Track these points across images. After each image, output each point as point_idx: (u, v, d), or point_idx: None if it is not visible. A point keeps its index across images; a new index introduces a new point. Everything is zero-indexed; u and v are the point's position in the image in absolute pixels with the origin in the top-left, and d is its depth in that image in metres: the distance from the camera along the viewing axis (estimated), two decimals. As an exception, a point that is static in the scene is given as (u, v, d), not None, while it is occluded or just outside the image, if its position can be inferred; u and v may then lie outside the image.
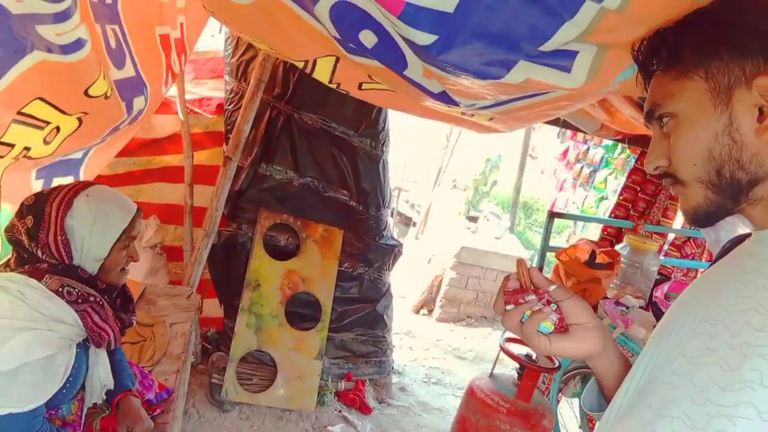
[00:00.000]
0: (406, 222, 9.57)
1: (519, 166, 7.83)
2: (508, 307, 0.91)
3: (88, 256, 1.48)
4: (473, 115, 1.71)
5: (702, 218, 0.85)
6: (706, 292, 0.83)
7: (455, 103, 1.31)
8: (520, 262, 0.94)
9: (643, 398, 0.82)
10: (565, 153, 7.59)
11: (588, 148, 6.84)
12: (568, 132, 6.99)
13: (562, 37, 0.93)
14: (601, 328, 0.94)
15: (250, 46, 3.50)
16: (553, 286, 0.92)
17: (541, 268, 3.21)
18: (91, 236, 1.47)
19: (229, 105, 3.62)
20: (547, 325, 0.90)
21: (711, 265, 0.91)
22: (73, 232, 1.45)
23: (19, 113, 1.36)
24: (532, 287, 0.92)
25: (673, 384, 0.77)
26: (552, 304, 0.91)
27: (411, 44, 1.02)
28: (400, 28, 0.95)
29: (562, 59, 0.99)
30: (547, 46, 0.95)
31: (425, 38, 0.95)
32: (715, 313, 0.78)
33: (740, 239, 0.86)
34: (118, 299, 1.64)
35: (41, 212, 1.44)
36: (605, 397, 1.00)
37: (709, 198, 0.82)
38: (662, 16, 0.87)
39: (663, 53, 0.86)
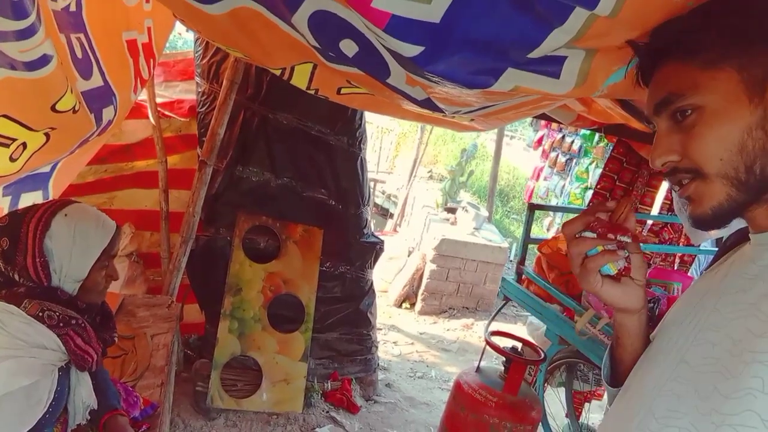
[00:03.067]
0: (383, 213, 9.57)
1: (494, 154, 7.86)
2: (586, 233, 0.87)
3: (67, 278, 1.43)
4: (454, 116, 1.69)
5: (719, 220, 0.81)
6: (707, 298, 0.82)
7: (440, 110, 1.28)
8: (626, 201, 0.89)
9: (645, 404, 0.81)
10: (539, 141, 7.64)
11: (563, 136, 6.88)
12: (542, 120, 7.02)
13: (551, 44, 0.91)
14: (643, 290, 0.93)
15: (220, 46, 3.42)
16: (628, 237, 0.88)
17: (522, 260, 3.22)
18: (70, 257, 1.42)
19: (201, 107, 3.55)
20: (612, 268, 0.87)
21: (712, 262, 0.91)
22: (52, 254, 1.40)
23: None
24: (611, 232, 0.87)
25: (678, 392, 0.77)
26: (624, 251, 0.87)
27: (397, 56, 0.99)
28: (386, 40, 0.92)
29: (551, 65, 0.97)
30: (536, 53, 0.93)
31: (411, 50, 0.92)
32: (716, 321, 0.78)
33: (742, 236, 0.85)
34: (97, 317, 1.60)
35: (17, 234, 1.39)
36: (615, 362, 1.00)
37: (732, 196, 0.78)
38: (653, 21, 0.85)
39: (686, 40, 0.80)
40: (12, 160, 1.51)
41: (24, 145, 1.48)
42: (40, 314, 1.36)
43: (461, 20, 0.89)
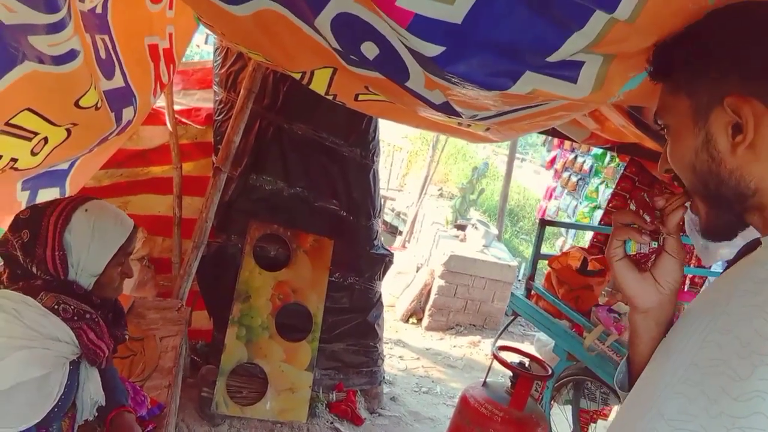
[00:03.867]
0: (392, 231, 9.56)
1: (505, 174, 7.87)
2: (632, 206, 0.91)
3: (83, 272, 1.45)
4: (470, 125, 1.71)
5: (714, 234, 0.86)
6: (717, 300, 0.83)
7: (457, 114, 1.30)
8: (680, 196, 0.90)
9: (654, 405, 0.81)
10: (552, 161, 7.64)
11: (576, 157, 6.89)
12: (555, 140, 7.04)
13: (570, 48, 0.93)
14: (666, 301, 0.93)
15: (239, 56, 3.48)
16: (673, 239, 0.90)
17: (532, 276, 3.22)
18: (88, 252, 1.44)
19: (218, 116, 3.59)
20: (632, 248, 0.91)
21: (725, 270, 0.91)
22: (71, 248, 1.42)
23: (7, 124, 1.33)
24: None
25: (688, 395, 0.77)
26: (654, 243, 0.90)
27: (418, 56, 1.01)
28: (408, 39, 0.94)
29: (569, 70, 0.99)
30: (554, 57, 0.95)
31: (433, 49, 0.94)
32: (725, 322, 0.78)
33: (755, 244, 0.86)
34: (110, 314, 1.62)
35: (38, 226, 1.41)
36: (629, 363, 1.01)
37: (709, 212, 0.84)
38: (670, 27, 0.87)
39: (659, 67, 0.88)
40: (33, 154, 1.53)
41: (45, 139, 1.51)
42: (56, 307, 1.37)
43: (482, 22, 0.91)
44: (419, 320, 6.20)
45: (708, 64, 0.80)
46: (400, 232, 8.75)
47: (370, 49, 1.18)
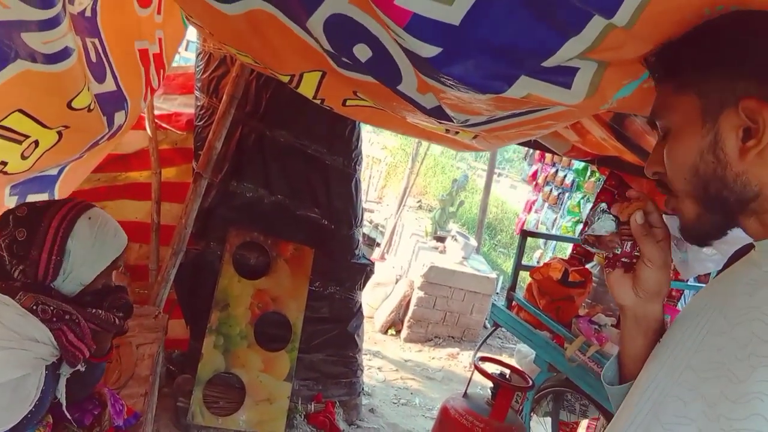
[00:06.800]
0: (370, 243, 9.54)
1: (485, 186, 7.91)
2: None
3: (73, 280, 1.42)
4: (457, 132, 1.71)
5: (697, 236, 0.86)
6: (712, 303, 0.83)
7: (448, 119, 1.30)
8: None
9: (650, 410, 0.81)
10: (533, 175, 7.71)
11: (556, 171, 6.97)
12: (536, 154, 7.10)
13: (566, 53, 0.93)
14: (642, 303, 0.94)
15: (222, 62, 3.45)
16: (644, 244, 0.89)
17: (513, 287, 3.23)
18: (84, 261, 1.41)
19: (199, 121, 3.56)
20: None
21: (718, 273, 0.92)
22: (69, 254, 1.39)
23: None
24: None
25: (685, 399, 0.77)
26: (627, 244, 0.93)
27: (414, 57, 1.01)
28: (405, 40, 0.94)
29: (563, 75, 0.99)
30: (550, 62, 0.95)
31: (429, 50, 0.94)
32: (721, 325, 0.78)
33: (747, 249, 0.87)
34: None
35: (37, 227, 1.37)
36: (621, 365, 1.01)
37: (701, 215, 0.83)
38: (666, 35, 0.87)
39: (666, 65, 0.87)
40: (23, 157, 1.50)
41: (36, 143, 1.48)
42: (34, 307, 1.34)
43: (480, 24, 0.91)
44: (398, 332, 6.18)
45: (724, 65, 0.78)
46: (378, 244, 8.73)
47: (362, 52, 1.17)
